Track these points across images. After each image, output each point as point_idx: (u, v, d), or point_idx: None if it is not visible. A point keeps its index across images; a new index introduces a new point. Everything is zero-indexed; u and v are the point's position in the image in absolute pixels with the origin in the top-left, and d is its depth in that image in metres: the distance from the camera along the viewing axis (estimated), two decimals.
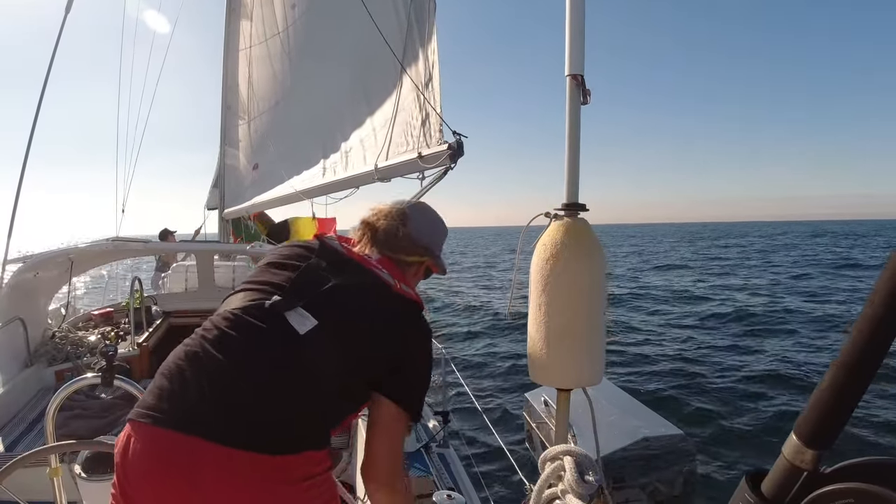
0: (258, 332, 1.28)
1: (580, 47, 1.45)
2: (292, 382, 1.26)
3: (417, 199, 1.66)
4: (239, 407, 1.21)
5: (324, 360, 1.29)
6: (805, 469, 0.67)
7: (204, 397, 1.21)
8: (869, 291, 0.62)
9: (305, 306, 1.31)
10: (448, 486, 2.56)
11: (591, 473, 1.31)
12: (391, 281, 1.44)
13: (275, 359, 1.26)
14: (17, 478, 1.68)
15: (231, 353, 1.26)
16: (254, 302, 1.33)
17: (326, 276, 1.39)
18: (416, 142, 3.24)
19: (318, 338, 1.28)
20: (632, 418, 3.68)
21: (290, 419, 1.25)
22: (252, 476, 1.18)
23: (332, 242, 1.50)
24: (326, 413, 1.32)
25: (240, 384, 1.23)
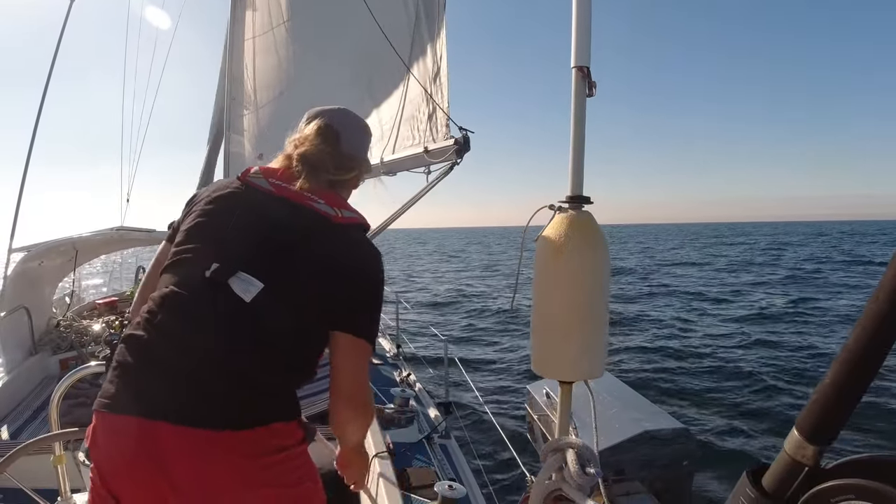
0: (203, 306, 1.23)
1: (586, 39, 1.44)
2: (247, 353, 1.22)
3: (337, 109, 1.53)
4: (196, 386, 1.18)
5: (277, 322, 1.24)
6: (806, 464, 0.67)
7: (159, 380, 1.19)
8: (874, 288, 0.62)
9: (247, 268, 1.24)
10: (450, 477, 2.57)
11: (592, 466, 1.31)
12: (331, 212, 1.34)
13: (225, 332, 1.21)
14: (22, 465, 1.70)
15: (178, 332, 1.22)
16: (193, 273, 1.26)
17: (260, 225, 1.31)
18: (423, 136, 3.23)
19: (266, 301, 1.22)
20: (633, 411, 3.69)
21: (250, 391, 1.21)
22: (219, 454, 1.16)
23: (258, 181, 1.38)
24: (288, 376, 1.30)
25: (193, 363, 1.19)
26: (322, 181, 1.40)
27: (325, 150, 1.43)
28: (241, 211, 1.34)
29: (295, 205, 1.33)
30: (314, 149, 1.43)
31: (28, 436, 2.86)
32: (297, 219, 1.32)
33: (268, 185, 1.36)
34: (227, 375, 1.20)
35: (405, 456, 2.58)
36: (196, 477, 1.15)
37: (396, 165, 3.47)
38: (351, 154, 1.50)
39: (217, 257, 1.26)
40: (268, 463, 1.20)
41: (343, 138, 1.49)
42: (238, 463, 1.17)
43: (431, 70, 3.21)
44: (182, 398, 1.17)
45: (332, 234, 1.32)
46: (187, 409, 1.16)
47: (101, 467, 1.21)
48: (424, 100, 3.24)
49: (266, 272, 1.24)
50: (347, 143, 1.49)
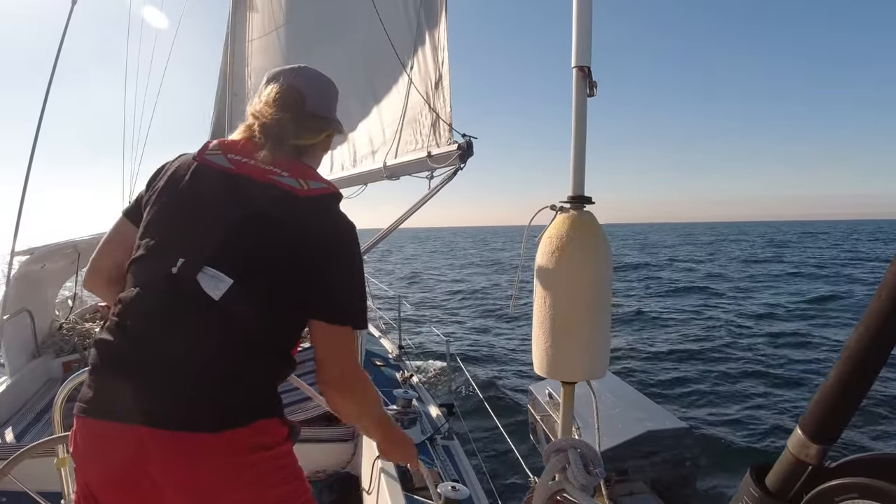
0: (172, 305, 1.17)
1: (587, 39, 1.44)
2: (222, 352, 1.16)
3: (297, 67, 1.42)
4: (172, 388, 1.13)
5: (250, 318, 1.17)
6: (810, 463, 0.67)
7: (135, 384, 1.14)
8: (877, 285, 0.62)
9: (213, 261, 1.16)
10: (453, 478, 2.57)
11: (595, 466, 1.31)
12: (296, 185, 1.23)
13: (197, 331, 1.16)
14: (25, 468, 1.70)
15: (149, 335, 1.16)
16: (158, 270, 1.18)
17: (222, 210, 1.21)
18: (426, 140, 3.23)
19: (237, 296, 1.15)
20: (636, 411, 3.68)
21: (228, 391, 1.16)
22: (201, 456, 1.12)
23: (216, 158, 1.27)
24: (266, 371, 1.24)
25: (168, 365, 1.14)
26: (287, 148, 1.29)
27: (286, 114, 1.32)
28: (201, 196, 1.24)
29: (257, 182, 1.23)
30: (275, 114, 1.31)
31: (32, 438, 2.87)
32: (261, 198, 1.21)
33: (226, 161, 1.26)
34: (203, 376, 1.15)
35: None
36: (179, 481, 1.13)
37: (399, 170, 3.47)
38: (317, 114, 1.38)
39: (182, 251, 1.18)
40: (252, 461, 1.16)
41: (308, 99, 1.36)
42: (222, 464, 1.13)
43: (433, 76, 3.21)
44: (159, 401, 1.13)
45: (298, 209, 1.22)
46: (166, 413, 1.12)
47: (84, 472, 1.19)
48: (426, 104, 3.24)
49: (234, 264, 1.17)
50: (313, 103, 1.37)
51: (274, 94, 1.34)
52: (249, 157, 1.26)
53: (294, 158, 1.30)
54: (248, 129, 1.32)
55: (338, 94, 1.48)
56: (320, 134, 1.40)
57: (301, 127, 1.34)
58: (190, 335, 1.16)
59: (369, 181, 3.92)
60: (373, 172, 3.76)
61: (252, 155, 1.26)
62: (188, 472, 1.12)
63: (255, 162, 1.25)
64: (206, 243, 1.18)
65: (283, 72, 1.40)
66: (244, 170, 1.25)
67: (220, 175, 1.25)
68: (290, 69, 1.41)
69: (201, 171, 1.27)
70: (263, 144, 1.27)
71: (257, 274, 1.18)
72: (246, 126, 1.33)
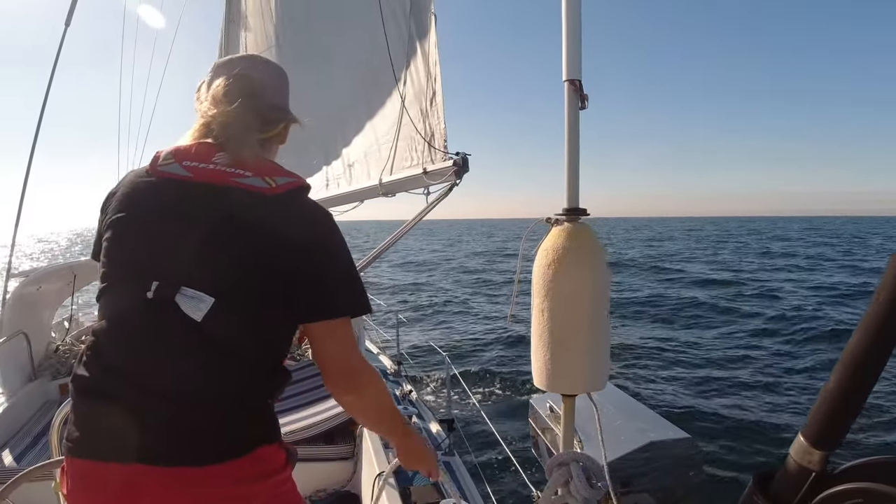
0: (153, 334, 1.09)
1: (577, 52, 1.46)
2: (213, 378, 1.10)
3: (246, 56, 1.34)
4: (165, 422, 1.07)
5: (237, 336, 1.11)
6: (813, 470, 0.66)
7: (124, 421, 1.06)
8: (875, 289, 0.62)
9: (189, 280, 1.08)
10: (455, 495, 2.55)
11: (598, 479, 1.30)
12: (263, 184, 1.15)
13: (183, 358, 1.09)
14: (23, 492, 1.68)
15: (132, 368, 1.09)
16: (132, 297, 1.10)
17: (189, 225, 1.12)
18: (421, 157, 3.24)
19: (220, 314, 1.07)
20: (638, 422, 3.67)
21: (224, 419, 1.10)
22: (201, 491, 1.06)
23: (171, 168, 1.16)
24: (261, 392, 1.18)
25: (156, 399, 1.07)
26: (249, 145, 1.20)
27: (245, 106, 1.21)
28: (163, 212, 1.14)
29: (220, 188, 1.13)
30: (232, 108, 1.20)
31: (29, 462, 2.84)
32: (229, 205, 1.12)
33: (182, 170, 1.15)
34: (195, 405, 1.08)
35: (408, 474, 2.57)
36: None
37: (395, 186, 3.48)
38: (275, 104, 1.30)
39: (154, 274, 1.09)
40: (254, 492, 1.12)
41: (266, 87, 1.28)
42: (222, 497, 1.08)
43: (427, 92, 3.23)
44: (151, 436, 1.06)
45: (270, 210, 1.14)
46: (159, 448, 1.06)
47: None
48: (421, 121, 3.26)
49: (212, 281, 1.09)
50: (271, 91, 1.29)
51: (226, 86, 1.23)
52: (207, 162, 1.16)
53: (256, 156, 1.21)
54: (203, 129, 1.22)
55: (288, 82, 1.38)
56: (279, 125, 1.31)
57: (263, 119, 1.26)
58: (176, 362, 1.09)
59: (365, 198, 3.94)
60: (369, 189, 3.78)
61: (209, 159, 1.16)
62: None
63: (214, 166, 1.15)
64: (178, 262, 1.10)
65: (231, 61, 1.30)
66: (204, 176, 1.15)
67: (179, 186, 1.15)
68: (239, 58, 1.32)
69: (158, 186, 1.17)
70: (222, 145, 1.18)
71: (239, 287, 1.10)
72: (200, 126, 1.22)
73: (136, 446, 1.05)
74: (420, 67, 3.28)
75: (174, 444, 1.07)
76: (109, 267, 1.17)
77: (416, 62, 3.31)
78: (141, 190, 1.18)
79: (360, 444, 2.81)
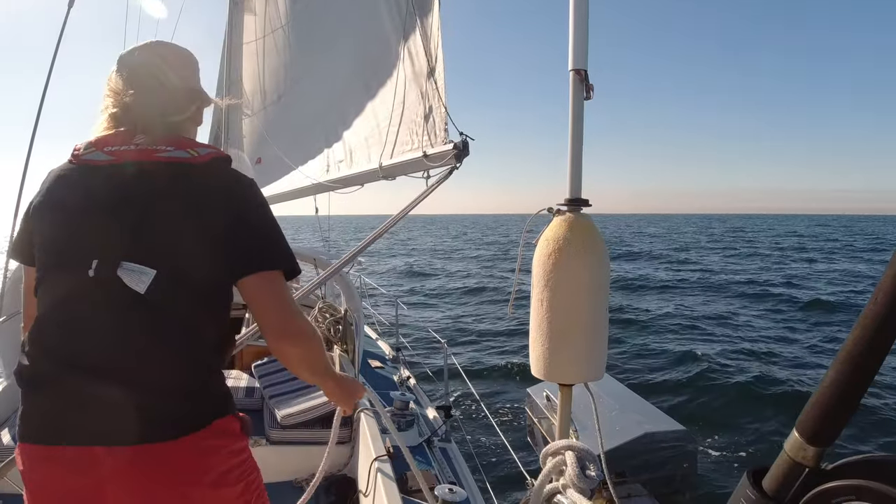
0: (99, 311, 1.12)
1: (584, 42, 1.45)
2: (164, 351, 1.12)
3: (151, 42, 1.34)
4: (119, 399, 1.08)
5: (182, 304, 1.14)
6: (807, 465, 0.67)
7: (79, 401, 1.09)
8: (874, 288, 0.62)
9: (129, 256, 1.10)
10: (450, 480, 2.57)
11: (593, 468, 1.31)
12: (186, 155, 1.18)
13: (132, 333, 1.11)
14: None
15: (81, 346, 1.11)
16: (74, 278, 1.12)
17: (120, 203, 1.14)
18: (421, 140, 3.23)
19: (164, 284, 1.10)
20: (634, 413, 3.69)
21: (181, 393, 1.13)
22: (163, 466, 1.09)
23: (93, 157, 1.19)
24: (213, 358, 1.22)
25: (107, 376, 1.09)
26: (163, 127, 1.22)
27: (153, 92, 1.24)
28: (91, 195, 1.16)
29: (145, 164, 1.16)
30: (141, 95, 1.23)
31: None
32: (155, 179, 1.16)
33: (105, 156, 1.18)
34: (150, 382, 1.10)
35: (405, 459, 2.59)
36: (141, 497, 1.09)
37: (395, 170, 3.46)
38: (186, 87, 1.31)
39: (92, 254, 1.11)
40: (213, 464, 1.14)
41: (171, 71, 1.28)
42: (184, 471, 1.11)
43: (428, 76, 3.20)
44: (109, 417, 1.07)
45: (199, 178, 1.18)
46: (120, 428, 1.07)
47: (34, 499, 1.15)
48: (421, 103, 3.24)
49: (150, 253, 1.11)
50: (176, 74, 1.29)
51: (135, 72, 1.25)
52: (128, 144, 1.18)
53: (172, 135, 1.23)
54: (113, 119, 1.23)
55: (198, 64, 1.39)
56: (192, 106, 1.32)
57: (172, 103, 1.27)
58: (125, 338, 1.11)
59: (365, 182, 3.92)
60: (369, 173, 3.76)
61: (130, 142, 1.18)
62: (150, 486, 1.09)
63: (136, 146, 1.17)
64: (115, 240, 1.12)
65: (134, 50, 1.30)
66: (127, 157, 1.17)
67: (103, 169, 1.17)
68: (142, 46, 1.32)
69: (83, 172, 1.19)
70: (138, 129, 1.20)
71: (177, 256, 1.13)
72: (110, 116, 1.24)
73: (95, 428, 1.07)
74: (422, 50, 3.26)
75: (130, 423, 1.07)
76: (45, 256, 1.19)
77: (418, 44, 3.28)
78: (66, 180, 1.21)
79: (358, 428, 2.83)
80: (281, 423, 2.81)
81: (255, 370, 3.37)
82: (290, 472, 2.71)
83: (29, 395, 1.15)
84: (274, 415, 2.85)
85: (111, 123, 1.23)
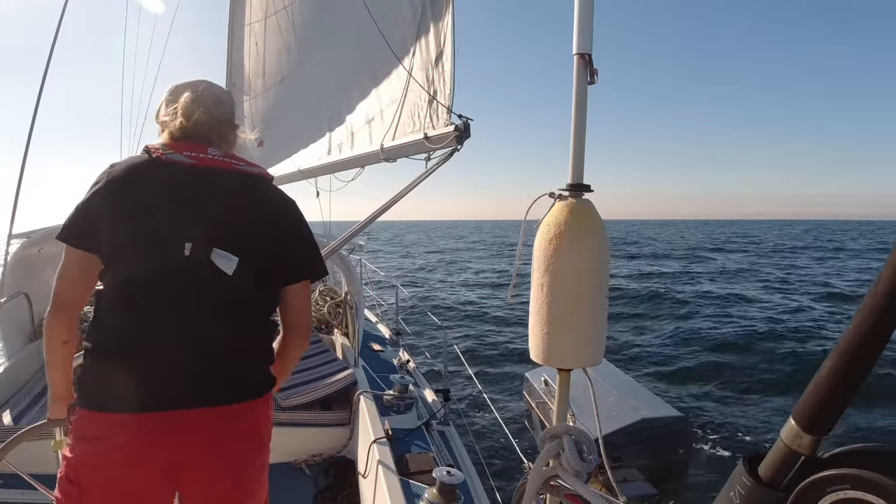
0: (193, 285, 1.29)
1: (588, 26, 1.43)
2: (241, 329, 1.35)
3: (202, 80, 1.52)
4: (206, 366, 1.29)
5: (256, 292, 1.37)
6: (802, 454, 0.67)
7: (169, 368, 1.27)
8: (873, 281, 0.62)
9: (217, 244, 1.29)
10: (448, 463, 2.58)
11: (590, 452, 1.32)
12: (254, 170, 1.43)
13: (219, 310, 1.31)
14: (22, 451, 1.70)
15: (176, 318, 1.28)
16: (169, 256, 1.27)
17: (205, 199, 1.33)
18: (423, 123, 3.21)
19: (245, 272, 1.30)
20: (631, 399, 3.71)
21: (251, 365, 1.38)
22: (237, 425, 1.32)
23: (176, 157, 1.34)
24: (269, 341, 1.48)
25: (198, 344, 1.28)
26: (230, 143, 1.47)
27: (221, 113, 1.45)
28: (180, 190, 1.32)
29: (225, 171, 1.37)
30: (216, 114, 1.43)
31: (29, 421, 2.88)
32: (234, 184, 1.37)
33: (186, 158, 1.34)
34: (237, 348, 1.33)
35: (404, 442, 2.60)
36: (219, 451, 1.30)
37: (396, 152, 3.45)
38: (232, 117, 1.52)
39: (186, 238, 1.28)
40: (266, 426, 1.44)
41: (227, 102, 1.52)
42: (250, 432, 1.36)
43: (434, 53, 3.17)
44: (197, 382, 1.28)
45: (265, 190, 1.43)
46: (207, 391, 1.29)
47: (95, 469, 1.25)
48: (426, 88, 3.21)
49: (235, 245, 1.31)
50: (230, 106, 1.53)
51: (198, 98, 1.43)
52: (204, 153, 1.36)
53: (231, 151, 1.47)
54: (180, 132, 1.39)
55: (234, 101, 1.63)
56: (237, 130, 1.53)
57: (230, 125, 1.49)
58: (215, 314, 1.31)
59: (367, 163, 3.91)
60: (370, 155, 3.75)
61: (205, 151, 1.37)
62: (228, 441, 1.31)
63: (213, 155, 1.37)
64: (205, 229, 1.30)
65: (190, 83, 1.49)
66: (207, 163, 1.35)
67: (187, 169, 1.34)
68: (196, 80, 1.50)
69: (168, 169, 1.33)
70: (211, 142, 1.40)
71: (255, 252, 1.34)
72: (177, 129, 1.39)
73: (185, 392, 1.27)
74: (431, 33, 3.22)
75: (215, 387, 1.30)
76: (129, 239, 1.29)
77: (428, 28, 3.25)
78: (149, 172, 1.34)
79: (357, 410, 2.85)
80: (281, 405, 2.83)
81: None
82: (290, 454, 2.74)
83: (118, 363, 1.25)
84: (274, 397, 2.87)
85: (179, 134, 1.39)
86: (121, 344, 1.27)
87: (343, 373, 3.10)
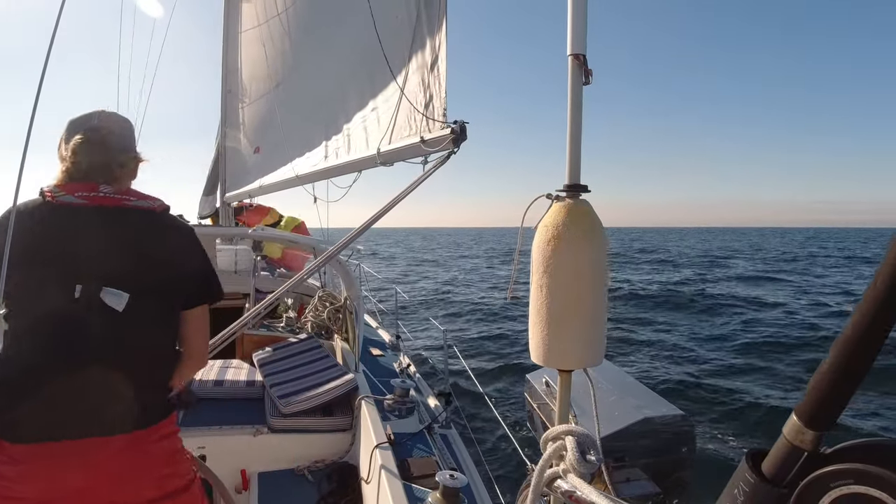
0: (82, 326, 1.34)
1: (582, 26, 1.43)
2: (137, 360, 1.41)
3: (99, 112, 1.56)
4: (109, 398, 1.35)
5: (150, 325, 1.43)
6: (805, 449, 0.67)
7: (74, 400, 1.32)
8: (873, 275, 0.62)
9: (108, 281, 1.35)
10: (451, 467, 2.58)
11: (593, 453, 1.31)
12: (147, 204, 1.48)
13: (109, 345, 1.36)
14: None
15: (74, 353, 1.33)
16: (58, 298, 1.34)
17: (95, 239, 1.39)
18: (419, 126, 3.21)
19: (134, 307, 1.37)
20: (633, 399, 3.70)
21: (152, 392, 1.45)
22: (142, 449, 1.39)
23: (67, 199, 1.40)
24: (170, 369, 1.52)
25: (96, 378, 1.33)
26: (119, 180, 1.50)
27: (104, 152, 1.47)
28: (71, 231, 1.39)
29: (117, 209, 1.44)
30: (97, 156, 1.46)
31: None
32: (128, 221, 1.45)
33: (76, 199, 1.40)
34: (129, 384, 1.36)
35: (406, 446, 2.59)
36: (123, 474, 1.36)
37: (393, 156, 3.45)
38: (124, 147, 1.54)
39: (75, 279, 1.34)
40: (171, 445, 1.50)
41: (116, 136, 1.53)
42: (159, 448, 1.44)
43: (430, 57, 3.18)
44: (101, 413, 1.34)
45: (159, 223, 1.50)
46: (110, 421, 1.35)
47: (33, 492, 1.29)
48: (421, 90, 3.22)
49: (124, 281, 1.37)
50: (120, 139, 1.54)
51: (85, 139, 1.46)
52: (96, 192, 1.43)
53: (125, 186, 1.51)
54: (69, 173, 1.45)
55: (133, 128, 1.65)
56: (130, 164, 1.56)
57: (118, 161, 1.51)
58: (108, 351, 1.36)
59: (363, 168, 3.90)
60: (367, 159, 3.74)
61: (95, 191, 1.43)
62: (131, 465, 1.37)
63: (104, 194, 1.43)
64: (93, 269, 1.36)
65: (82, 118, 1.52)
66: (98, 202, 1.42)
67: (78, 210, 1.40)
68: (92, 113, 1.54)
69: (60, 211, 1.39)
70: (100, 181, 1.45)
71: (144, 285, 1.41)
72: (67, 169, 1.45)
73: (91, 422, 1.33)
74: (426, 37, 3.23)
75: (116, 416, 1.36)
76: (26, 280, 1.34)
77: (423, 32, 3.26)
78: (43, 215, 1.40)
79: (359, 415, 2.84)
80: (282, 411, 2.82)
81: (256, 360, 3.38)
82: (292, 460, 2.73)
83: (23, 397, 1.31)
84: (275, 403, 2.86)
85: (68, 176, 1.45)
86: (26, 379, 1.32)
87: (344, 378, 3.09)
